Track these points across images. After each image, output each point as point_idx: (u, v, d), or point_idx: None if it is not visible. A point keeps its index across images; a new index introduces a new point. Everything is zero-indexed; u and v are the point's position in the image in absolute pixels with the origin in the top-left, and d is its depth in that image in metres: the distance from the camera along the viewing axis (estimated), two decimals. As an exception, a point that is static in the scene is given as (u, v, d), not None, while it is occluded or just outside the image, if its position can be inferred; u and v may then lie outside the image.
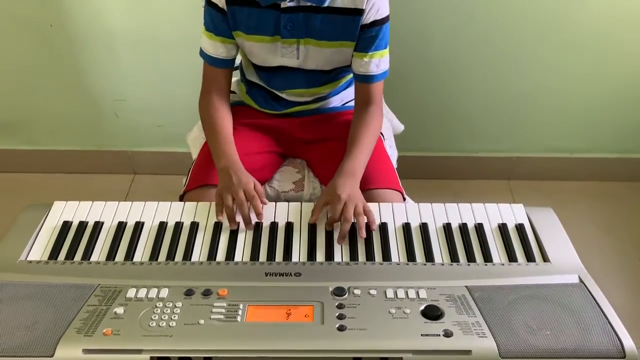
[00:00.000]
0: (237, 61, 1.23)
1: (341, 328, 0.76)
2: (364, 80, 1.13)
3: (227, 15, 1.08)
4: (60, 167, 1.96)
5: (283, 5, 1.04)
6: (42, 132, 1.90)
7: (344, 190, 0.98)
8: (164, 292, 0.82)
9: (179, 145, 1.91)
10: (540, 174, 1.96)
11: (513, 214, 1.00)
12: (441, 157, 1.93)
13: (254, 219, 0.98)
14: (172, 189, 1.53)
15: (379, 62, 1.12)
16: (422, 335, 0.75)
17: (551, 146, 1.92)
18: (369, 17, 1.06)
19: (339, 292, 0.82)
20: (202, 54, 1.14)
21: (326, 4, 1.04)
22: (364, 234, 0.93)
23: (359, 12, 1.05)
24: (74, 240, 0.95)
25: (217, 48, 1.12)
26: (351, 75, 1.21)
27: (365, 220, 0.95)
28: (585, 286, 0.84)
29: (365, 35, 1.08)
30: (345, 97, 1.28)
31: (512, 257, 0.92)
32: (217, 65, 1.14)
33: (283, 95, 1.21)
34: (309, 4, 1.04)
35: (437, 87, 1.77)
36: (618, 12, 1.59)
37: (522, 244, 0.94)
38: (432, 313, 0.79)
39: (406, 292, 0.82)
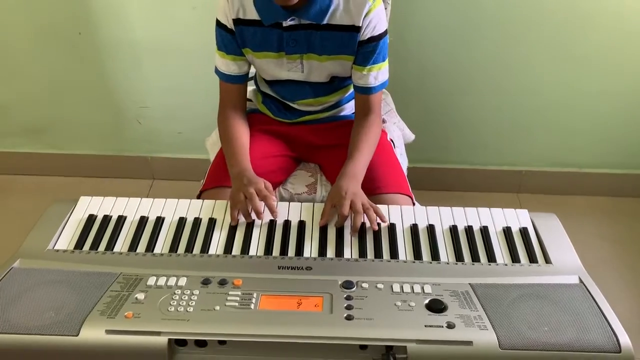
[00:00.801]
0: (252, 72, 1.29)
1: (349, 317, 0.80)
2: (363, 92, 1.19)
3: (236, 35, 1.14)
4: (81, 171, 2.03)
5: (285, 24, 1.11)
6: (65, 136, 1.97)
7: (348, 190, 1.03)
8: (183, 281, 0.87)
9: (197, 152, 1.97)
10: (549, 187, 1.98)
11: (517, 218, 1.04)
12: (450, 169, 1.97)
13: (267, 216, 1.02)
14: (190, 194, 1.58)
15: (377, 74, 1.17)
16: (425, 326, 0.79)
17: (560, 161, 1.95)
18: (365, 34, 1.12)
19: (347, 285, 0.87)
20: (217, 71, 1.21)
21: (325, 22, 1.10)
22: (375, 226, 0.98)
23: (356, 29, 1.11)
24: (99, 232, 1.00)
25: (229, 66, 1.18)
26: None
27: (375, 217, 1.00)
28: (585, 286, 0.88)
29: (363, 50, 1.14)
30: (352, 107, 1.33)
31: (515, 258, 0.95)
32: (230, 81, 1.21)
33: (294, 106, 1.27)
34: (308, 22, 1.10)
35: (448, 99, 1.82)
36: (627, 28, 1.64)
37: (525, 246, 0.98)
38: (436, 306, 0.82)
39: (412, 287, 0.86)
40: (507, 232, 1.01)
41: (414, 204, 1.17)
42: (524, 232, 1.01)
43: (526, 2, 1.61)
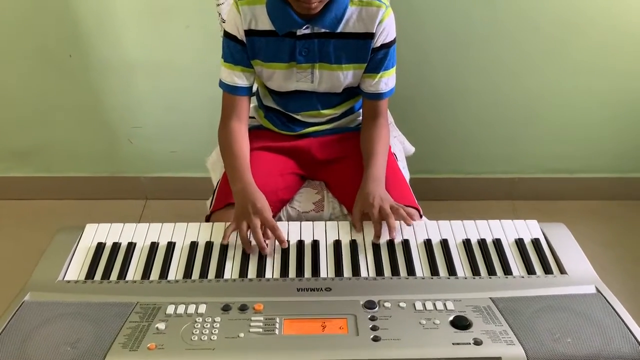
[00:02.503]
0: (254, 88, 1.29)
1: (376, 339, 0.80)
2: (374, 98, 1.21)
3: (246, 46, 1.14)
4: (72, 194, 1.99)
5: (299, 33, 1.11)
6: (57, 159, 1.94)
7: (375, 195, 1.06)
8: (202, 308, 0.86)
9: (190, 171, 1.96)
10: (542, 194, 2.02)
11: (528, 229, 1.05)
12: (446, 179, 1.99)
13: (271, 245, 1.01)
14: (184, 213, 1.57)
15: (387, 80, 1.20)
16: (453, 344, 0.79)
17: (551, 167, 1.99)
18: (378, 41, 1.14)
19: (370, 305, 0.86)
20: (222, 84, 1.20)
21: (339, 30, 1.11)
22: (394, 234, 1.00)
23: (370, 36, 1.13)
24: (109, 260, 0.98)
25: (236, 77, 1.18)
26: (360, 97, 1.27)
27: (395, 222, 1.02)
28: (603, 295, 0.89)
29: (375, 57, 1.16)
30: (359, 119, 1.34)
31: (530, 270, 0.96)
32: (236, 93, 1.20)
33: (299, 117, 1.27)
34: (323, 30, 1.11)
35: (442, 111, 1.85)
36: (615, 38, 1.68)
37: (539, 257, 0.99)
38: (461, 323, 0.82)
39: (434, 304, 0.86)
40: (519, 243, 1.02)
41: (421, 217, 1.18)
42: (536, 243, 1.02)
43: (515, 18, 1.65)
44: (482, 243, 1.02)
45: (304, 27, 1.10)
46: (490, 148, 1.93)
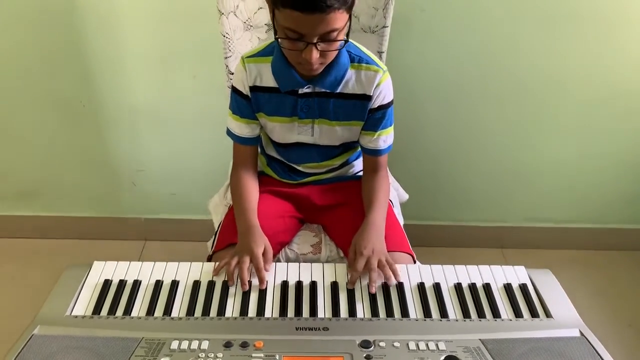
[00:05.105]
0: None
1: (371, 376, 0.84)
2: (373, 154, 1.28)
3: (251, 100, 1.22)
4: (73, 233, 2.03)
5: (300, 91, 1.19)
6: (60, 199, 1.98)
7: (367, 245, 1.09)
8: (205, 344, 0.89)
9: (189, 213, 2.01)
10: (531, 242, 2.08)
11: (516, 274, 1.10)
12: (438, 226, 2.05)
13: (270, 284, 1.05)
14: (182, 255, 1.61)
15: (385, 138, 1.26)
16: (444, 382, 0.83)
17: (538, 217, 2.05)
18: (376, 102, 1.20)
19: (365, 344, 0.90)
20: (230, 133, 1.27)
21: (338, 90, 1.18)
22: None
23: (368, 97, 1.19)
24: (115, 296, 1.02)
25: (242, 128, 1.25)
26: (358, 148, 1.34)
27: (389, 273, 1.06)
28: (587, 339, 0.94)
29: (373, 116, 1.22)
30: (355, 169, 1.41)
31: (518, 313, 1.01)
32: (243, 142, 1.27)
33: (299, 168, 1.34)
34: (323, 90, 1.18)
35: (435, 161, 1.93)
36: (599, 96, 1.78)
37: (526, 302, 1.03)
38: (452, 363, 0.86)
39: (427, 344, 0.90)
40: (508, 288, 1.07)
41: (414, 262, 1.23)
42: (523, 288, 1.07)
43: (506, 72, 1.75)
44: (472, 287, 1.07)
45: (305, 87, 1.17)
46: (480, 197, 2.00)
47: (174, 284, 1.05)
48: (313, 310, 1.00)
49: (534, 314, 1.01)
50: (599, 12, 1.62)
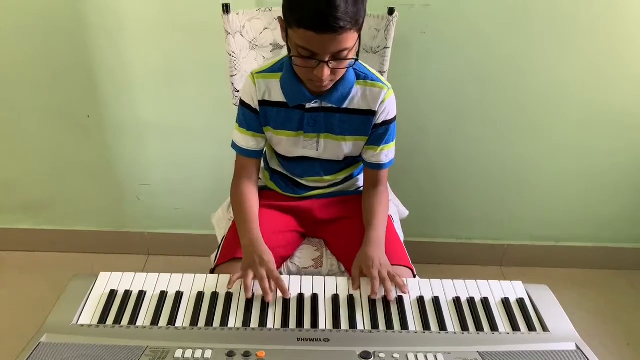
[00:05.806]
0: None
1: (371, 386, 0.85)
2: (375, 168, 1.31)
3: (259, 114, 1.26)
4: (77, 247, 2.05)
5: (308, 106, 1.22)
6: (64, 213, 2.01)
7: (374, 259, 1.12)
8: (208, 353, 0.91)
9: (192, 228, 2.03)
10: (530, 261, 2.10)
11: (514, 289, 1.12)
12: (438, 243, 2.07)
13: (273, 296, 1.07)
14: (184, 269, 1.62)
15: (387, 153, 1.30)
16: (443, 392, 0.85)
17: (537, 235, 2.07)
18: (380, 118, 1.24)
19: (365, 355, 0.92)
20: (235, 146, 1.31)
21: (344, 106, 1.22)
22: (391, 297, 1.06)
23: (373, 113, 1.23)
24: (121, 306, 1.04)
25: (248, 141, 1.29)
26: (360, 164, 1.38)
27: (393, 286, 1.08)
28: (582, 352, 0.95)
29: (377, 132, 1.26)
30: (359, 183, 1.44)
31: (515, 327, 1.03)
32: (248, 155, 1.30)
33: (303, 182, 1.37)
34: (329, 105, 1.22)
35: (435, 179, 1.95)
36: (596, 117, 1.82)
37: (523, 316, 1.05)
38: (450, 374, 0.88)
39: (425, 356, 0.92)
40: (505, 302, 1.09)
41: (414, 276, 1.25)
42: (521, 302, 1.09)
43: (505, 92, 1.78)
44: (471, 301, 1.09)
45: (312, 102, 1.22)
46: (480, 215, 2.03)
47: (178, 295, 1.08)
48: (314, 322, 1.02)
49: (531, 327, 1.03)
50: (598, 34, 1.67)
